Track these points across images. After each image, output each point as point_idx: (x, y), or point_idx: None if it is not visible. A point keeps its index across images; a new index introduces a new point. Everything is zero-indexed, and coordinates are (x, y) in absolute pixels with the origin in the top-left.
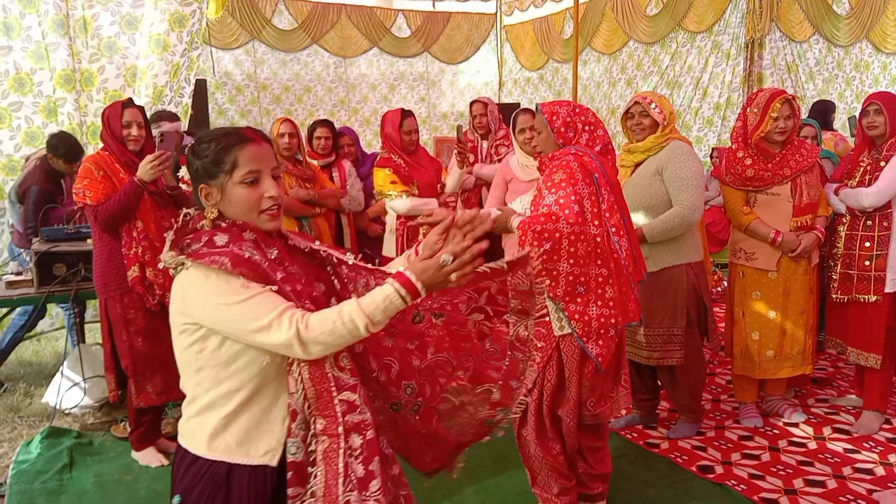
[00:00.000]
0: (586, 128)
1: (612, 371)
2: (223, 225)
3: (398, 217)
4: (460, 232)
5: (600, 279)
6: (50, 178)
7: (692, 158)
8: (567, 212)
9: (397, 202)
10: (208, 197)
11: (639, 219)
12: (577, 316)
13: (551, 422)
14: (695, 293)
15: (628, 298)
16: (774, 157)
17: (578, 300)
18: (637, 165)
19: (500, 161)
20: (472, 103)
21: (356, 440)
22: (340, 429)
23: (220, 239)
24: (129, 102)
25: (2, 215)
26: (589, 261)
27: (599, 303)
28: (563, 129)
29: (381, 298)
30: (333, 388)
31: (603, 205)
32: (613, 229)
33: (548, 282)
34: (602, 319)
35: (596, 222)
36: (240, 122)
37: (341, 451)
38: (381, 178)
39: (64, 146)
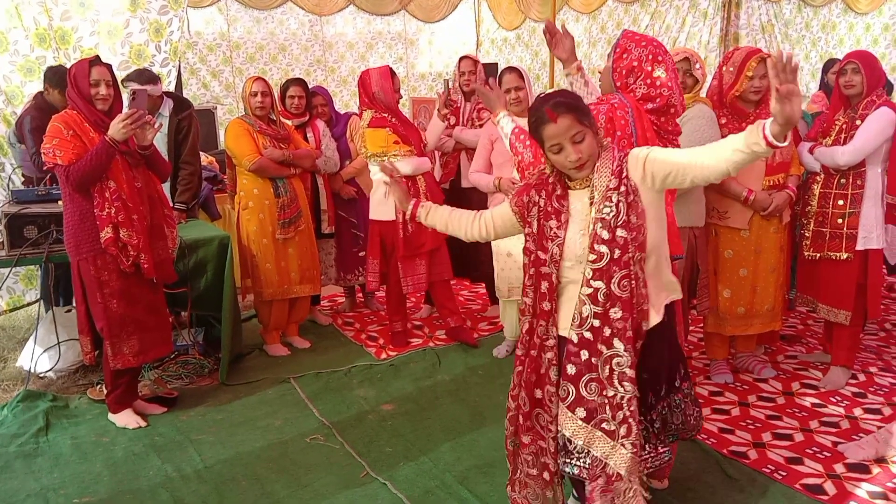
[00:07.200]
0: (647, 80)
1: None
2: (545, 172)
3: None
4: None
5: None
6: (44, 113)
7: (708, 126)
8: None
9: (403, 163)
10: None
11: None
12: None
13: None
14: (691, 257)
15: None
16: (748, 117)
17: None
18: None
19: (481, 126)
20: (460, 59)
21: None
22: None
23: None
24: (96, 60)
25: (1, 170)
26: None
27: None
28: (624, 73)
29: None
30: None
31: None
32: None
33: None
34: None
35: None
36: (212, 83)
37: None
38: (383, 138)
39: (58, 76)
